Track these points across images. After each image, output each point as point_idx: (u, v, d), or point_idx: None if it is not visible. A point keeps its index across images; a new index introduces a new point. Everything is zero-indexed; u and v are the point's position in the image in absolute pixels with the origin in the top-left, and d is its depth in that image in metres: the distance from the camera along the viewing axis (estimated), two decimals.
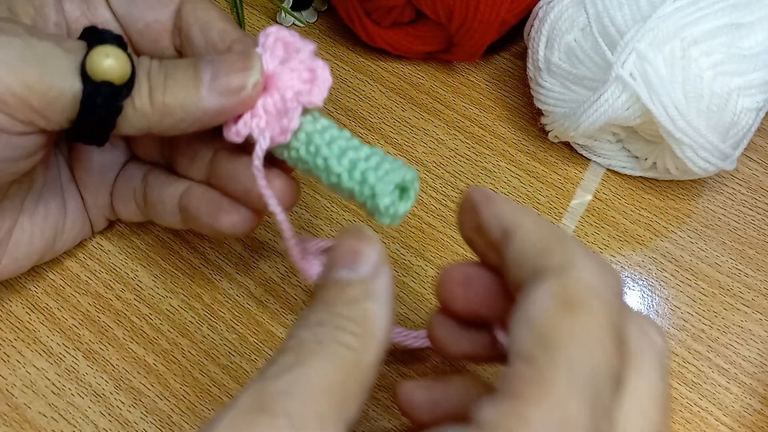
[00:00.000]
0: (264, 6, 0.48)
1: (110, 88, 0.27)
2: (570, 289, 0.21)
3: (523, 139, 0.44)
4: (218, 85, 0.28)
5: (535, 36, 0.41)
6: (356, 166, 0.28)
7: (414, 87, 0.46)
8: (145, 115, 0.28)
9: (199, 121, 0.29)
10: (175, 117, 0.28)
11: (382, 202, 0.28)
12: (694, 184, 0.43)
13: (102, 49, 0.27)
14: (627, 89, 0.37)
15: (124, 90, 0.27)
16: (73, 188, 0.35)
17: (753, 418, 0.35)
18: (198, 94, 0.28)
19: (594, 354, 0.20)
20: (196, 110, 0.28)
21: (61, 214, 0.35)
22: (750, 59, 0.37)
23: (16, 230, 0.33)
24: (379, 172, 0.28)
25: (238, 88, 0.28)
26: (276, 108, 0.29)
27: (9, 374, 0.34)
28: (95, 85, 0.27)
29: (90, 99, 0.27)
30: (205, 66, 0.28)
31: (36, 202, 0.33)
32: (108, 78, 0.27)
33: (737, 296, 0.39)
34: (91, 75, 0.27)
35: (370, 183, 0.28)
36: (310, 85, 0.29)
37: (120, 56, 0.27)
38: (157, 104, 0.28)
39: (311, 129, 0.29)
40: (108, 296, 0.37)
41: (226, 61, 0.29)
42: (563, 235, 0.24)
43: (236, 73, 0.28)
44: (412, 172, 0.28)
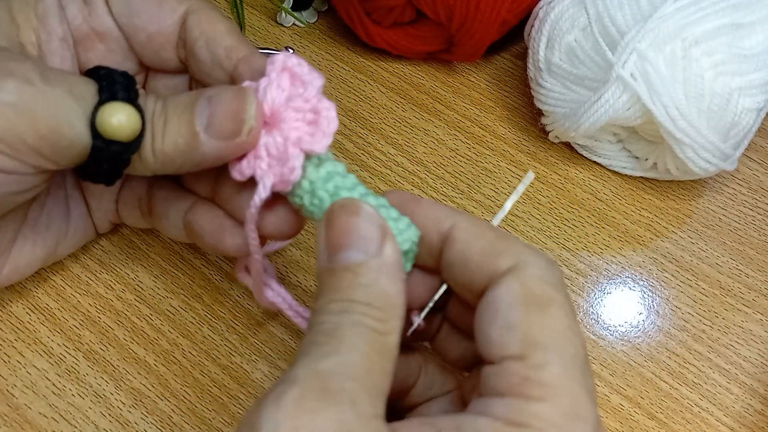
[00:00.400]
0: (264, 6, 0.48)
1: (119, 146, 0.27)
2: (532, 287, 0.23)
3: (524, 139, 0.44)
4: (213, 131, 0.28)
5: (536, 36, 0.41)
6: None
7: (414, 87, 0.46)
8: (148, 162, 0.28)
9: (200, 165, 0.29)
10: (176, 164, 0.28)
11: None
12: (695, 184, 0.43)
13: (113, 106, 0.27)
14: (628, 89, 0.37)
15: (133, 146, 0.27)
16: (78, 195, 0.35)
17: (753, 418, 0.35)
18: (195, 141, 0.28)
19: (573, 342, 0.23)
20: (195, 156, 0.28)
21: (64, 222, 0.34)
22: (751, 59, 0.37)
23: (19, 240, 0.33)
24: (399, 224, 0.27)
25: (233, 134, 0.28)
26: (278, 151, 0.28)
27: (9, 375, 0.34)
28: (105, 141, 0.27)
29: (99, 153, 0.27)
30: (201, 109, 0.28)
31: (39, 212, 0.33)
32: (118, 137, 0.27)
33: (738, 297, 0.39)
34: (101, 132, 0.27)
35: None
36: (314, 128, 0.28)
37: (131, 114, 0.27)
38: (158, 152, 0.28)
39: (315, 177, 0.28)
40: (108, 297, 0.37)
41: (222, 103, 0.28)
42: (505, 234, 0.25)
43: (230, 119, 0.27)
44: (417, 232, 0.27)
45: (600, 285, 0.39)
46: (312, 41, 0.47)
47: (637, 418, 0.35)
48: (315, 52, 0.47)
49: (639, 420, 0.35)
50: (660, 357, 0.37)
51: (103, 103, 0.27)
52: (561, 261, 0.39)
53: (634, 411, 0.35)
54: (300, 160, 0.27)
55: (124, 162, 0.28)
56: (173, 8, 0.31)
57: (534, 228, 0.40)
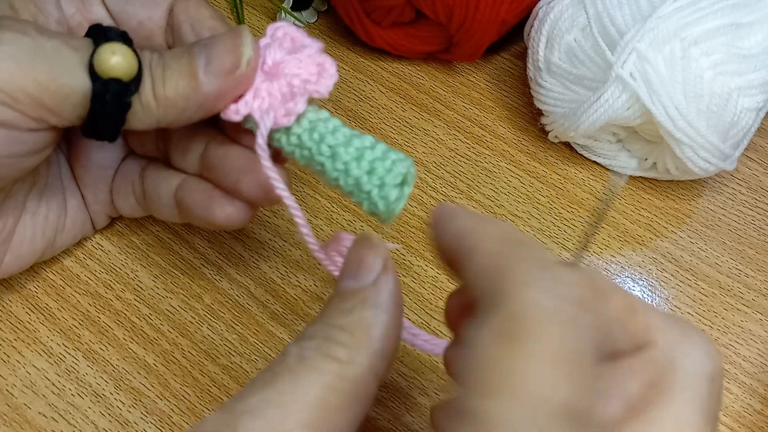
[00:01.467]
0: (264, 6, 0.48)
1: (119, 84, 0.27)
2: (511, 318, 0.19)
3: (523, 139, 0.44)
4: (213, 68, 0.28)
5: (535, 36, 0.41)
6: (363, 155, 0.28)
7: (414, 87, 0.46)
8: (151, 109, 0.28)
9: (202, 107, 0.29)
10: (178, 107, 0.28)
11: (390, 193, 0.28)
12: (694, 184, 0.43)
13: (108, 46, 0.27)
14: (627, 89, 0.37)
15: (132, 86, 0.28)
16: (74, 186, 0.35)
17: (753, 418, 0.35)
18: (195, 81, 0.28)
19: (532, 396, 0.18)
20: (196, 97, 0.28)
21: (62, 212, 0.35)
22: (750, 59, 0.37)
23: (19, 228, 0.33)
24: (386, 162, 0.28)
25: (233, 67, 0.28)
26: (281, 93, 0.29)
27: (9, 374, 0.34)
28: (104, 82, 0.27)
29: (100, 96, 0.27)
30: (198, 52, 0.29)
31: (38, 200, 0.34)
32: (116, 75, 0.27)
33: (737, 296, 0.39)
34: (100, 73, 0.27)
35: (378, 174, 0.28)
36: (317, 76, 0.29)
37: (126, 53, 0.27)
38: (160, 97, 0.28)
39: (314, 117, 0.29)
40: (108, 296, 0.37)
41: (218, 43, 0.29)
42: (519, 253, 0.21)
43: (228, 54, 0.28)
44: (412, 165, 0.29)
45: None
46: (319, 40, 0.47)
47: None
48: None
49: None
50: None
51: (99, 45, 0.27)
52: None
53: None
54: (305, 97, 0.29)
55: (125, 105, 0.28)
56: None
57: (534, 228, 0.40)
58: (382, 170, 0.28)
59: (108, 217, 0.37)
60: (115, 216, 0.37)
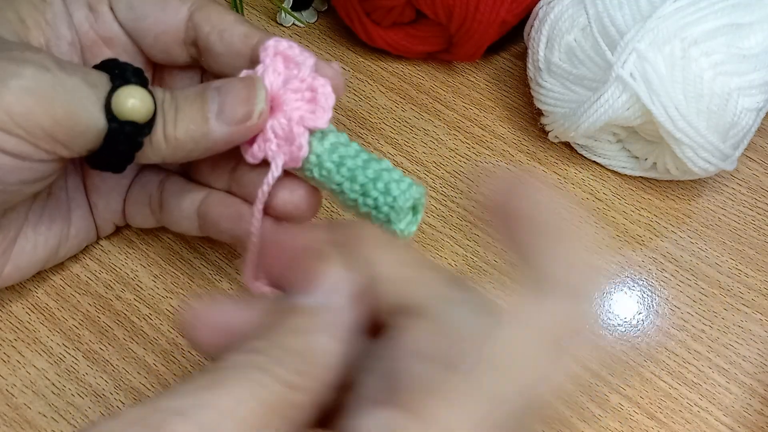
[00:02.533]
0: (264, 6, 0.48)
1: (133, 126, 0.28)
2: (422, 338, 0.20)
3: (523, 139, 0.44)
4: (225, 117, 0.29)
5: (535, 36, 0.41)
6: (381, 177, 0.29)
7: (414, 87, 0.46)
8: (160, 148, 0.29)
9: (209, 150, 0.29)
10: (186, 149, 0.29)
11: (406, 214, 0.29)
12: (694, 184, 0.43)
13: (127, 90, 0.28)
14: (627, 89, 0.37)
15: (146, 128, 0.28)
16: (80, 196, 0.35)
17: (753, 418, 0.35)
18: (207, 126, 0.29)
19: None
20: (205, 142, 0.29)
21: (65, 224, 0.35)
22: (750, 59, 0.37)
23: (20, 239, 0.33)
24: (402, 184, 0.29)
25: (244, 118, 0.29)
26: (284, 131, 0.29)
27: (9, 374, 0.34)
28: (120, 123, 0.28)
29: (114, 136, 0.28)
30: (212, 97, 0.29)
31: (41, 212, 0.33)
32: (132, 118, 0.28)
33: (737, 296, 0.39)
34: (116, 114, 0.27)
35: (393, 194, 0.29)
36: (314, 105, 0.29)
37: (144, 97, 0.28)
38: (170, 139, 0.29)
39: (320, 150, 0.29)
40: (108, 296, 0.37)
41: (231, 90, 0.29)
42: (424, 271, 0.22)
43: (242, 104, 0.29)
44: (421, 189, 0.29)
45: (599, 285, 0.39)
46: (312, 41, 0.47)
47: (637, 417, 0.35)
48: (315, 52, 0.46)
49: (638, 420, 0.35)
50: (659, 357, 0.37)
51: (117, 87, 0.28)
52: None
53: (633, 411, 0.35)
54: (305, 138, 0.29)
55: (137, 145, 0.28)
56: (177, 8, 0.32)
57: None
58: (397, 191, 0.29)
59: (114, 226, 0.37)
60: (122, 225, 0.37)
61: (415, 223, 0.30)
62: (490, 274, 0.39)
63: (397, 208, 0.29)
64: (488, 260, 0.39)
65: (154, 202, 0.35)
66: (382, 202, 0.29)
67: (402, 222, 0.29)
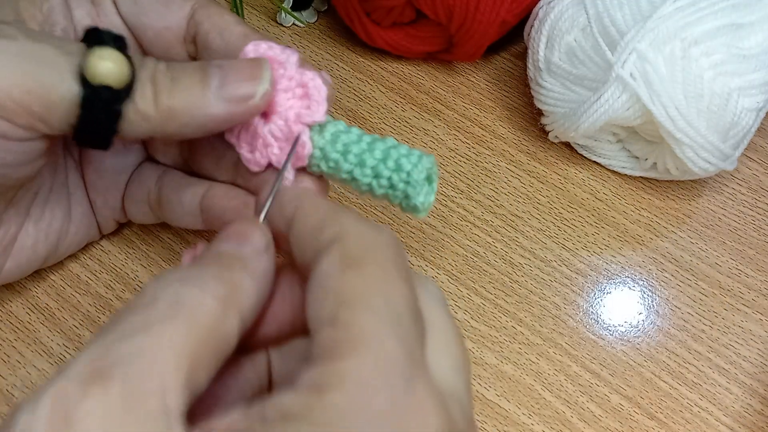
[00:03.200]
0: (264, 6, 0.48)
1: (109, 92, 0.26)
2: (348, 250, 0.22)
3: (524, 139, 0.44)
4: (226, 92, 0.27)
5: (536, 36, 0.41)
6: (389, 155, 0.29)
7: (414, 87, 0.46)
8: (148, 118, 0.27)
9: (203, 126, 0.28)
10: (180, 121, 0.27)
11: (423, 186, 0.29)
12: (695, 184, 0.43)
13: (99, 51, 0.26)
14: (627, 89, 0.37)
15: (123, 94, 0.26)
16: (80, 194, 0.35)
17: (753, 418, 0.35)
18: (205, 99, 0.27)
19: (390, 296, 0.21)
20: (201, 115, 0.27)
21: (66, 219, 0.34)
22: (750, 59, 0.37)
23: (21, 235, 0.33)
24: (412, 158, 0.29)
25: (247, 96, 0.28)
26: (283, 133, 0.29)
27: (9, 374, 0.34)
28: (94, 89, 0.26)
29: (89, 103, 0.26)
30: (213, 71, 0.28)
31: (42, 208, 0.33)
32: (106, 82, 0.26)
33: (737, 296, 0.39)
34: (89, 79, 0.26)
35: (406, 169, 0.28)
36: (307, 101, 0.29)
37: (118, 59, 0.26)
38: (162, 107, 0.27)
39: (322, 143, 0.29)
40: (108, 297, 0.37)
41: (235, 67, 0.28)
42: (337, 208, 0.25)
43: (246, 81, 0.28)
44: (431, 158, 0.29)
45: (600, 285, 0.39)
46: (312, 41, 0.47)
47: (637, 417, 0.35)
48: (315, 52, 0.47)
49: (639, 420, 0.35)
50: (660, 357, 0.37)
51: (90, 50, 0.26)
52: (561, 261, 0.39)
53: (633, 411, 0.35)
54: (307, 134, 0.29)
55: (116, 112, 0.27)
56: (180, 6, 0.31)
57: (534, 228, 0.40)
58: (409, 165, 0.28)
59: (116, 223, 0.37)
60: (124, 221, 0.37)
61: (432, 192, 0.29)
62: (491, 275, 0.39)
63: (413, 182, 0.28)
64: (488, 260, 0.39)
65: (153, 198, 0.34)
66: (396, 179, 0.29)
67: (421, 195, 0.29)
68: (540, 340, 0.37)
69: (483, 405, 0.35)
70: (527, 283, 0.39)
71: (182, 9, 0.31)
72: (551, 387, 0.36)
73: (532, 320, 0.37)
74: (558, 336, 0.37)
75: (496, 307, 0.38)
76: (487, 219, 0.41)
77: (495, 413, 0.35)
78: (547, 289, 0.38)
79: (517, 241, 0.40)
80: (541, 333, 0.37)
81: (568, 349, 0.37)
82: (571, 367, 0.36)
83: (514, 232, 0.40)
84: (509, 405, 0.35)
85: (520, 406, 0.35)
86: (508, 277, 0.39)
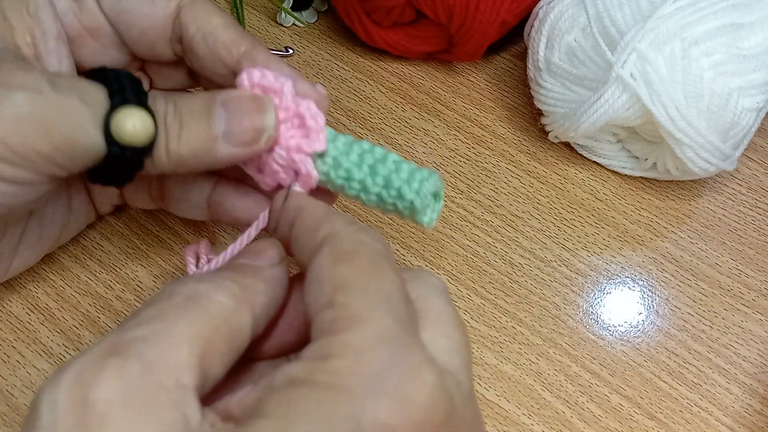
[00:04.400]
0: (264, 6, 0.48)
1: (134, 151, 0.27)
2: (340, 246, 0.25)
3: (524, 139, 0.44)
4: (232, 139, 0.28)
5: (536, 36, 0.41)
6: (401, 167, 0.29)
7: (414, 87, 0.46)
8: (161, 164, 0.28)
9: (212, 167, 0.29)
10: (189, 166, 0.28)
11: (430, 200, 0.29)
12: (695, 184, 0.43)
13: (127, 111, 0.26)
14: (627, 89, 0.37)
15: (147, 150, 0.27)
16: (78, 182, 0.35)
17: (753, 418, 0.35)
18: (212, 145, 0.28)
19: (380, 281, 0.24)
20: (210, 160, 0.28)
21: (66, 211, 0.35)
22: (750, 59, 0.37)
23: (27, 233, 0.33)
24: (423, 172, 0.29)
25: (252, 141, 0.28)
26: (286, 161, 0.29)
27: (9, 375, 0.34)
28: (120, 147, 0.27)
29: (114, 158, 0.27)
30: (218, 115, 0.28)
31: (44, 205, 0.33)
32: (132, 142, 0.27)
33: (737, 297, 0.39)
34: (116, 138, 0.26)
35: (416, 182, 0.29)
36: (305, 130, 0.29)
37: (145, 119, 0.27)
38: (173, 156, 0.28)
39: (325, 169, 0.29)
40: (108, 297, 0.37)
41: (240, 110, 0.28)
42: (330, 211, 0.27)
43: (250, 127, 0.28)
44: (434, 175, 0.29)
45: (599, 285, 0.39)
46: (312, 41, 0.47)
47: (637, 418, 0.35)
48: (315, 52, 0.47)
49: (638, 420, 0.35)
50: (659, 357, 0.37)
51: (116, 107, 0.27)
52: (561, 261, 0.39)
53: (633, 411, 0.35)
54: (310, 163, 0.29)
55: (139, 165, 0.28)
56: (164, 4, 0.31)
57: (534, 228, 0.40)
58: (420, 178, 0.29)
59: (112, 206, 0.37)
60: (121, 204, 0.37)
61: (437, 209, 0.30)
62: (490, 275, 0.39)
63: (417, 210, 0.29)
64: (488, 260, 0.39)
65: (155, 189, 0.35)
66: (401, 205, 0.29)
67: (426, 215, 0.29)
68: (540, 340, 0.37)
69: (483, 405, 0.35)
70: (527, 284, 0.39)
71: (167, 7, 0.31)
72: (551, 387, 0.36)
73: (532, 320, 0.37)
74: (558, 336, 0.37)
75: (495, 307, 0.38)
76: (487, 219, 0.41)
77: (495, 413, 0.35)
78: (546, 289, 0.38)
79: (517, 241, 0.40)
80: (541, 333, 0.37)
81: (568, 349, 0.37)
82: (571, 367, 0.36)
83: (514, 233, 0.40)
84: (509, 405, 0.35)
85: (520, 406, 0.35)
86: (508, 278, 0.39)
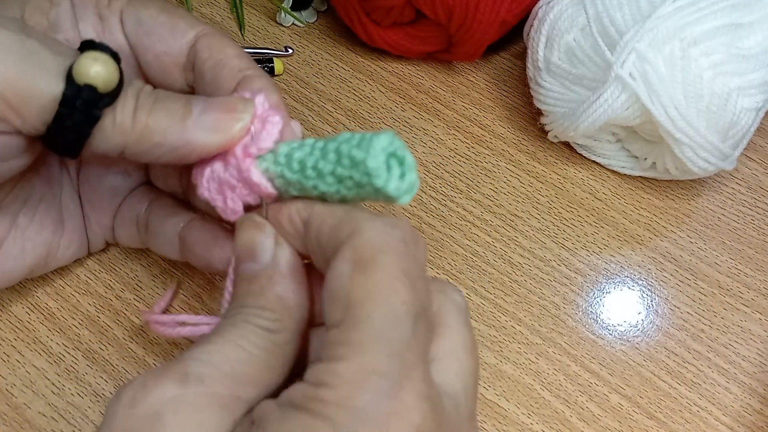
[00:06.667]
0: (264, 6, 0.48)
1: (92, 92, 0.26)
2: (359, 250, 0.23)
3: (523, 139, 0.44)
4: (205, 119, 0.27)
5: (535, 36, 0.41)
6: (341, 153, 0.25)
7: (414, 87, 0.46)
8: (124, 131, 0.27)
9: (175, 151, 0.28)
10: (153, 141, 0.27)
11: (383, 171, 0.24)
12: (694, 184, 0.43)
13: (92, 53, 0.26)
14: (626, 89, 0.37)
15: (107, 98, 0.26)
16: (74, 206, 0.35)
17: (753, 418, 0.35)
18: (183, 123, 0.27)
19: (390, 303, 0.23)
20: (175, 139, 0.27)
21: (57, 232, 0.34)
22: (750, 59, 0.37)
23: (8, 242, 0.32)
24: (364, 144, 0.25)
25: (225, 127, 0.28)
26: (238, 171, 0.28)
27: (9, 374, 0.34)
28: (77, 87, 0.26)
29: (69, 101, 0.26)
30: (197, 101, 0.28)
31: (31, 217, 0.33)
32: (92, 82, 0.26)
33: (737, 296, 0.39)
34: (76, 77, 0.26)
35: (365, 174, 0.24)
36: (258, 133, 0.28)
37: (109, 63, 0.26)
38: (139, 123, 0.27)
39: (279, 170, 0.27)
40: (108, 296, 0.37)
41: (219, 101, 0.28)
42: (351, 207, 0.25)
43: (225, 114, 0.28)
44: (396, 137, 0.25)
45: (599, 284, 0.39)
46: (311, 41, 0.47)
47: (636, 417, 0.35)
48: (314, 52, 0.47)
49: (638, 419, 0.35)
50: (659, 356, 0.37)
51: (83, 52, 0.26)
52: (560, 260, 0.39)
53: (633, 410, 0.35)
54: (256, 170, 0.27)
55: (95, 116, 0.26)
56: (184, 31, 0.31)
57: (533, 227, 0.40)
58: (361, 155, 0.24)
59: (105, 242, 0.37)
60: (112, 242, 0.37)
61: (405, 174, 0.25)
62: (490, 274, 0.39)
63: (372, 170, 0.24)
64: (488, 260, 0.39)
65: (141, 222, 0.35)
66: (357, 176, 0.24)
67: (390, 181, 0.24)
68: (539, 340, 0.37)
69: (482, 404, 0.35)
70: (526, 283, 0.39)
71: (186, 35, 0.31)
72: (550, 386, 0.36)
73: (531, 320, 0.37)
74: (557, 335, 0.37)
75: (495, 307, 0.38)
76: (487, 219, 0.41)
77: (494, 413, 0.35)
78: (546, 288, 0.38)
79: (517, 240, 0.40)
80: (540, 332, 0.37)
81: (568, 348, 0.37)
82: (570, 366, 0.36)
83: (513, 232, 0.40)
84: (508, 404, 0.35)
85: (520, 406, 0.35)
86: (508, 277, 0.39)
